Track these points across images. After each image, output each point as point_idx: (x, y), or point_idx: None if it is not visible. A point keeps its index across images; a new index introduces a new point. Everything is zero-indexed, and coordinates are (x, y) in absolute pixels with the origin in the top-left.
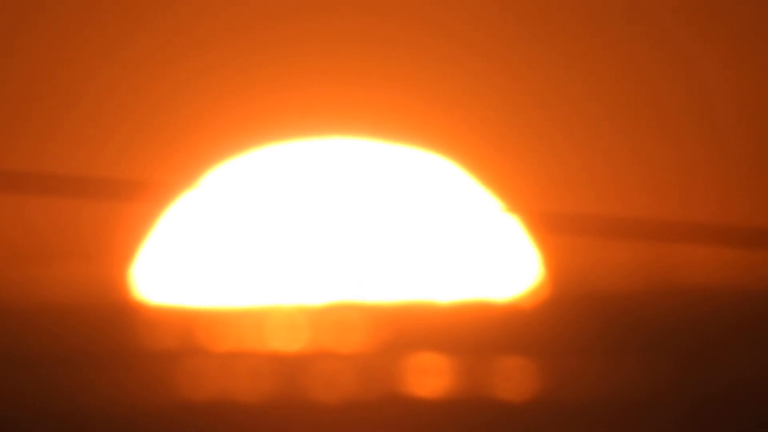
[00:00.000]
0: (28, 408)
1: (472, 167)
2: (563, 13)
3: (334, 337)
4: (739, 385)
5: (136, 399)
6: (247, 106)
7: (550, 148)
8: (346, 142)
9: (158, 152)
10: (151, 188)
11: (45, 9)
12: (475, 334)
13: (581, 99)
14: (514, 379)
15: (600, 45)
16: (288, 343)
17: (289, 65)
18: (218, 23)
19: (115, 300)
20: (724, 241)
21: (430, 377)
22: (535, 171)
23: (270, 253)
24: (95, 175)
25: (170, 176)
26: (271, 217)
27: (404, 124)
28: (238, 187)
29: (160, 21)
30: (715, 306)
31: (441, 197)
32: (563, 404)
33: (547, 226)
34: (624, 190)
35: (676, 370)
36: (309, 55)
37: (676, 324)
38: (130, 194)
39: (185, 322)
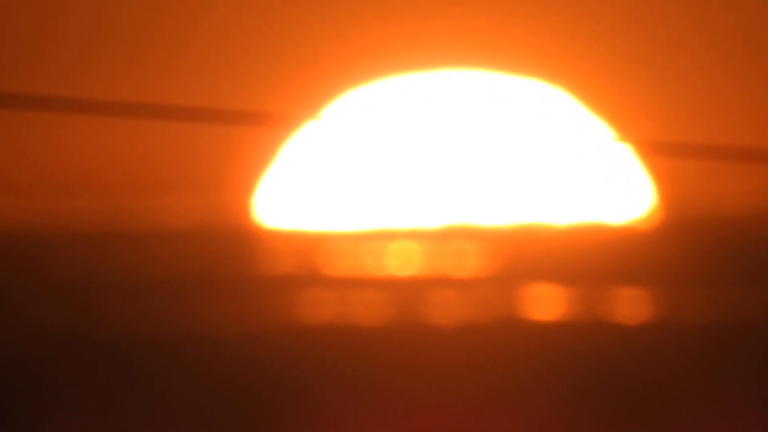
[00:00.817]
0: (149, 335)
1: (585, 96)
2: None
3: (450, 263)
4: None
5: (254, 326)
6: (365, 38)
7: (659, 78)
8: (462, 73)
9: (278, 83)
10: (272, 119)
11: None
12: (589, 258)
13: (687, 31)
14: (627, 304)
15: None
16: (404, 268)
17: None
18: None
19: (235, 227)
20: None
21: (544, 302)
22: (645, 100)
23: (387, 181)
24: (215, 106)
25: (290, 107)
26: (389, 146)
27: (517, 54)
28: (357, 118)
29: None
30: None
31: (555, 126)
32: (677, 328)
33: (658, 153)
34: (729, 119)
35: None
36: None
37: None
38: (251, 124)
39: (303, 248)
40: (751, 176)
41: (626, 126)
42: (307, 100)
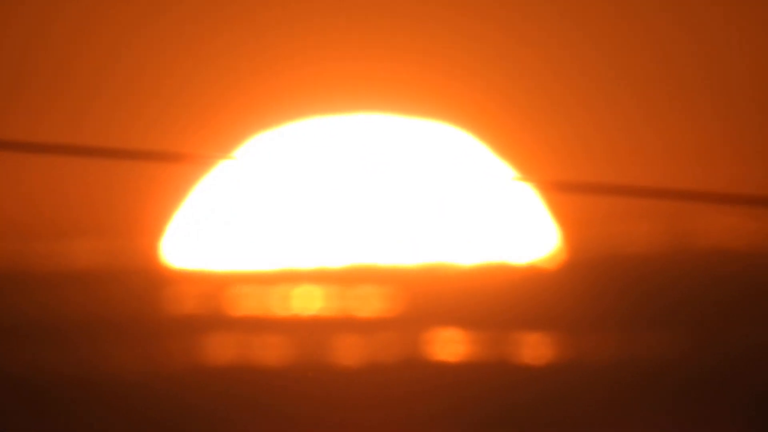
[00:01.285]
0: (54, 374)
1: (489, 137)
2: None
3: (354, 304)
4: (757, 351)
5: (161, 366)
6: (277, 80)
7: (567, 116)
8: (368, 115)
9: (191, 124)
10: (184, 159)
11: None
12: (494, 299)
13: (596, 67)
14: (533, 345)
15: (616, 13)
16: (309, 310)
17: (311, 41)
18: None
19: (144, 268)
20: (740, 208)
21: (449, 343)
22: (553, 139)
23: (294, 221)
24: (129, 146)
25: (203, 147)
26: (296, 186)
27: (420, 96)
28: (268, 158)
29: None
30: (732, 271)
31: (459, 166)
32: (582, 369)
33: (564, 193)
34: (641, 159)
35: (694, 334)
36: (333, 32)
37: (693, 288)
38: (163, 164)
39: (210, 290)
40: (662, 216)
41: (531, 165)
42: (219, 141)
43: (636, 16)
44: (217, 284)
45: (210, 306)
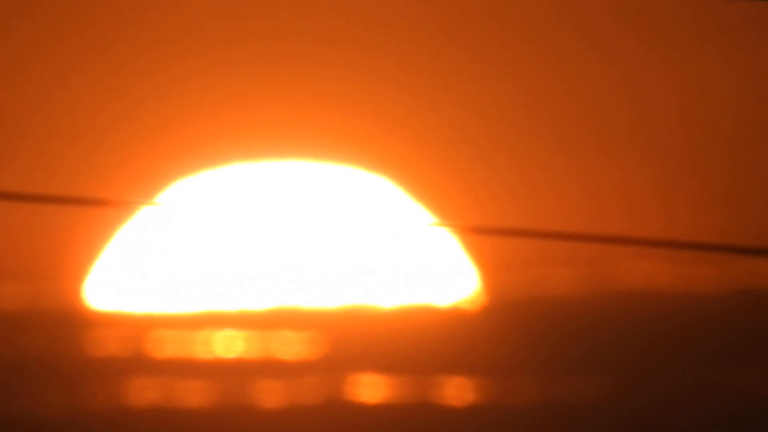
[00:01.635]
0: None
1: (409, 183)
2: (500, 29)
3: (276, 348)
4: (677, 395)
5: (84, 407)
6: (195, 128)
7: (489, 163)
8: (288, 162)
9: (114, 170)
10: (107, 204)
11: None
12: (414, 341)
13: (517, 112)
14: (452, 386)
15: (538, 61)
16: (231, 353)
17: (232, 89)
18: (170, 49)
19: (65, 311)
20: (662, 253)
21: (370, 384)
22: (473, 184)
23: (216, 265)
24: (51, 192)
25: (126, 193)
26: (218, 231)
27: (340, 143)
28: (187, 204)
29: (117, 44)
30: (652, 315)
31: (379, 212)
32: (502, 412)
33: (484, 237)
34: (562, 204)
35: (615, 378)
36: (252, 80)
37: (614, 332)
38: (86, 210)
39: (132, 333)
40: (583, 260)
41: (451, 210)
42: (141, 187)
43: (557, 61)
44: (140, 327)
45: (132, 349)
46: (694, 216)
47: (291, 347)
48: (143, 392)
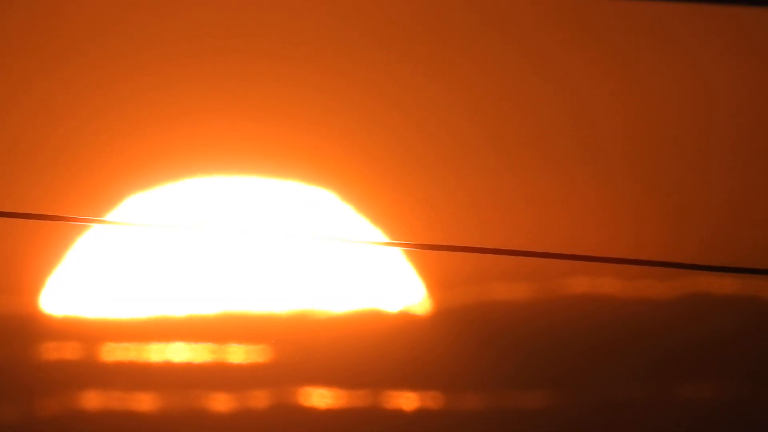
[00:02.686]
0: None
1: (357, 199)
2: (447, 49)
3: (226, 355)
4: (621, 401)
5: (37, 412)
6: (150, 143)
7: (435, 180)
8: (239, 177)
9: (66, 187)
10: (59, 221)
11: None
12: (362, 351)
13: (465, 131)
14: (399, 394)
15: (487, 80)
16: (182, 360)
17: (188, 106)
18: (124, 66)
19: (21, 323)
20: (607, 270)
21: (319, 392)
22: (420, 202)
23: (167, 278)
24: (4, 209)
25: (77, 209)
26: (168, 245)
27: (294, 159)
28: (139, 219)
29: (72, 60)
30: (594, 325)
31: (329, 227)
32: (450, 419)
33: (432, 254)
34: (508, 221)
35: (559, 386)
36: (205, 96)
37: (557, 342)
38: (39, 226)
39: (85, 343)
40: (528, 275)
41: (399, 227)
42: (92, 203)
43: (506, 80)
44: (93, 337)
45: (86, 358)
46: (638, 231)
47: (240, 356)
48: (96, 400)
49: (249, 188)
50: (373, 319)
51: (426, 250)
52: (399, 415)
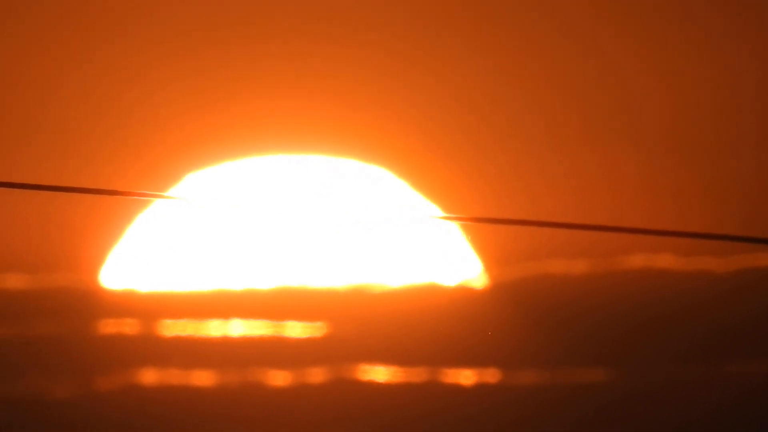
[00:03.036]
0: (2, 399)
1: (412, 176)
2: (498, 28)
3: (286, 329)
4: (676, 377)
5: (96, 386)
6: (208, 122)
7: (487, 157)
8: (296, 155)
9: (126, 163)
10: (121, 196)
11: (10, 25)
12: (420, 325)
13: (516, 109)
14: (462, 360)
15: (533, 56)
16: (242, 334)
17: (246, 85)
18: (185, 42)
19: (83, 297)
20: (653, 241)
21: (377, 366)
22: (473, 179)
23: (228, 252)
24: (65, 183)
25: (139, 185)
26: (230, 221)
27: (348, 137)
28: (200, 196)
29: (131, 36)
30: (648, 299)
31: (385, 204)
32: (506, 393)
33: (488, 231)
34: (557, 197)
35: (616, 361)
36: (263, 76)
37: (613, 316)
38: (101, 201)
39: (146, 318)
40: (580, 248)
41: (453, 202)
42: (154, 179)
43: (553, 58)
44: (152, 312)
45: (145, 332)
46: (679, 206)
47: (298, 332)
48: (154, 376)
49: (306, 166)
50: (430, 294)
51: (482, 223)
52: (456, 390)
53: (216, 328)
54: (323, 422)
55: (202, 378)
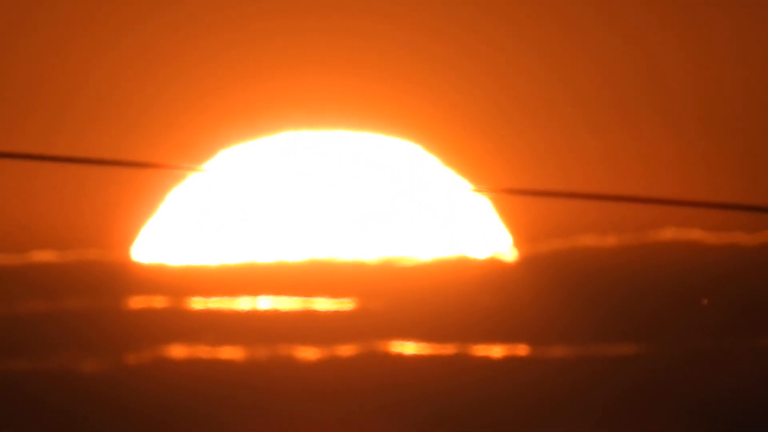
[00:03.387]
0: (31, 370)
1: (441, 149)
2: (530, 4)
3: (316, 302)
4: (708, 348)
5: (126, 359)
6: (243, 96)
7: (517, 130)
8: (334, 131)
9: (164, 135)
10: (157, 168)
11: (55, 3)
12: (451, 296)
13: (545, 84)
14: (492, 335)
15: (561, 29)
16: (273, 306)
17: (279, 62)
18: (221, 17)
19: (115, 270)
20: (685, 212)
21: (407, 337)
22: (503, 152)
23: (259, 227)
24: (103, 156)
25: (175, 158)
26: (261, 196)
27: (379, 113)
28: (233, 170)
29: (168, 11)
30: (680, 272)
31: (416, 178)
32: (537, 366)
33: (516, 199)
34: (585, 167)
35: (647, 333)
36: (295, 52)
37: (644, 288)
38: (136, 174)
39: (177, 290)
40: (611, 220)
41: (483, 175)
42: (189, 153)
43: (580, 31)
44: (184, 285)
45: (176, 305)
46: (710, 177)
47: (328, 306)
48: (183, 351)
49: (336, 141)
50: (460, 268)
51: (513, 195)
52: (486, 363)
53: (245, 303)
54: (352, 396)
55: (232, 353)
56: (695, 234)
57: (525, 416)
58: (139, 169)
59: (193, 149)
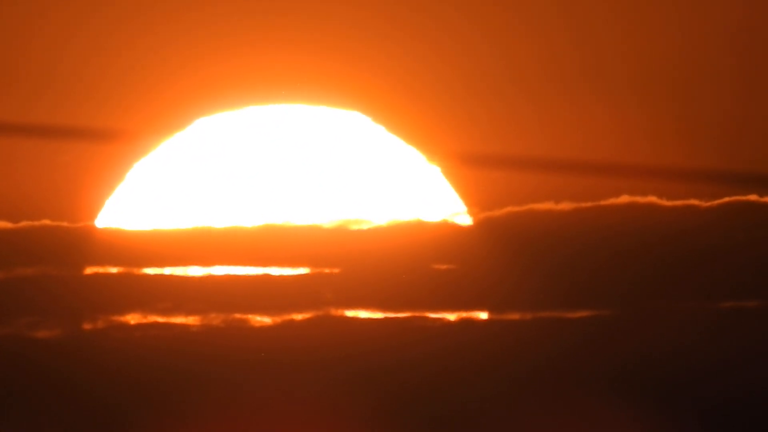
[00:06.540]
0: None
1: (395, 123)
2: None
3: (271, 262)
4: (662, 324)
5: (83, 325)
6: (213, 70)
7: (474, 92)
8: (293, 105)
9: (135, 103)
10: (125, 136)
11: None
12: (404, 257)
13: (517, 53)
14: (446, 293)
15: (501, 4)
16: (228, 270)
17: (248, 38)
18: None
19: (79, 234)
20: (652, 183)
21: (363, 298)
22: (457, 116)
23: (215, 189)
24: (72, 123)
25: (145, 127)
26: (221, 162)
27: (334, 87)
28: (193, 141)
29: None
30: (634, 243)
31: (369, 149)
32: (490, 327)
33: (469, 167)
34: (557, 136)
35: (589, 288)
36: (263, 30)
37: (597, 249)
38: (104, 141)
39: (134, 252)
40: (570, 188)
41: (435, 143)
42: (157, 122)
43: (520, 3)
44: (142, 249)
45: (132, 272)
46: (682, 145)
47: (285, 263)
48: (140, 314)
49: (294, 114)
50: (415, 231)
51: (467, 163)
52: (440, 326)
53: (200, 270)
54: (307, 361)
55: (187, 319)
56: (651, 201)
57: (479, 378)
58: (97, 139)
59: (154, 121)
